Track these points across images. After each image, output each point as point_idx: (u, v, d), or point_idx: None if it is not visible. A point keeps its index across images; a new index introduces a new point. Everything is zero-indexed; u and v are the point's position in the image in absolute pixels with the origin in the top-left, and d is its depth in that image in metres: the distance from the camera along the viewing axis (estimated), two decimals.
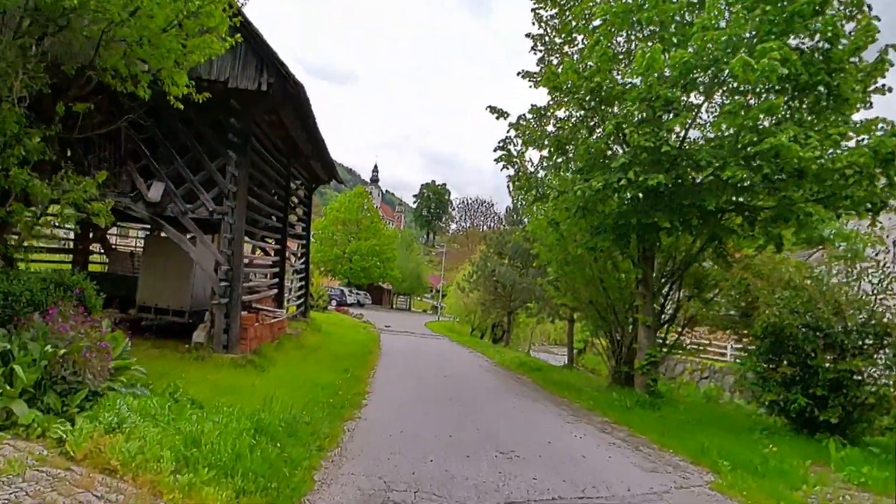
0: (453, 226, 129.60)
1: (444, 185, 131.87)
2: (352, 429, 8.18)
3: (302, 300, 24.49)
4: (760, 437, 9.46)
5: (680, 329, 15.31)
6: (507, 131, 14.45)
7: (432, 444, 7.79)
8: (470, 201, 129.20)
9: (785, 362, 9.73)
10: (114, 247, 21.03)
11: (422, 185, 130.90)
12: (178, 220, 13.90)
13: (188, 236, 14.17)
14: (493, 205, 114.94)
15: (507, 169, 15.18)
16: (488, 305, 36.56)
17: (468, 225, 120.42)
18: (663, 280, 14.87)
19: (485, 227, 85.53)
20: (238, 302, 13.96)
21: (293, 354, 16.19)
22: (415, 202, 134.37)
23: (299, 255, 24.24)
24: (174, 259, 15.07)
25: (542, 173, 14.90)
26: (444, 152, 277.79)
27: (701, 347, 16.49)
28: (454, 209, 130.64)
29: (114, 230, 23.16)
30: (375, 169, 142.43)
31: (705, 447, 8.48)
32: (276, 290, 19.86)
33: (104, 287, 17.28)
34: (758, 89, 10.53)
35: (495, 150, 15.20)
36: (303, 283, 24.52)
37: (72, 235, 18.73)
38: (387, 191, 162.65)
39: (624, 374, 14.84)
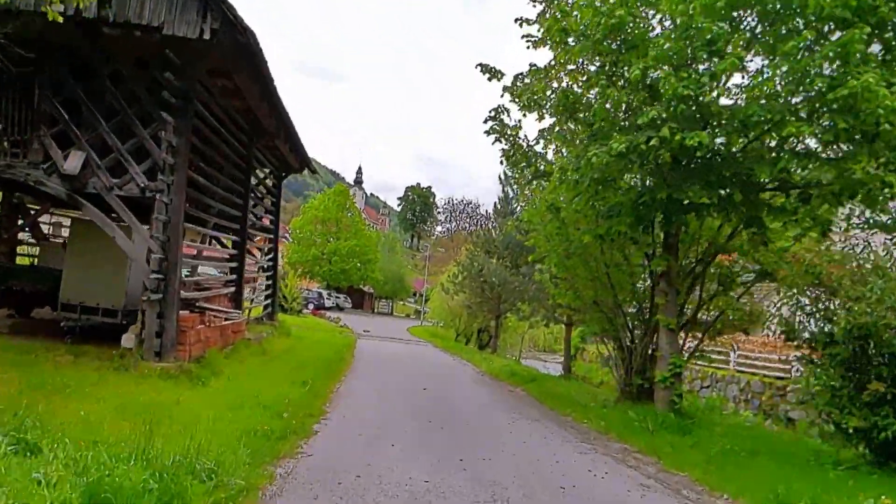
0: (438, 228, 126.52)
1: (430, 187, 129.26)
2: (285, 474, 5.61)
3: (269, 301, 21.97)
4: (839, 475, 7.14)
5: (702, 334, 13.02)
6: (501, 96, 12.10)
7: (398, 500, 5.32)
8: (455, 202, 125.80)
9: (873, 376, 7.39)
10: (48, 236, 18.37)
11: (406, 187, 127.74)
12: (103, 197, 11.55)
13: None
14: (478, 206, 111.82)
15: (500, 143, 12.82)
16: (474, 308, 34.18)
17: (454, 227, 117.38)
18: (680, 275, 12.53)
19: (470, 228, 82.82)
20: (175, 299, 11.66)
21: (249, 363, 14.00)
22: (399, 205, 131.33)
23: (266, 250, 21.74)
24: (106, 247, 12.60)
25: (540, 146, 12.52)
26: (441, 154, 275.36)
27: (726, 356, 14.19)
28: (439, 211, 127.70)
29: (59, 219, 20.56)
30: (359, 170, 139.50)
31: (780, 495, 6.10)
32: (233, 289, 17.42)
33: (32, 281, 14.93)
34: (824, 28, 8.25)
35: (486, 122, 12.87)
36: (271, 281, 21.99)
37: None
38: (371, 193, 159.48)
39: (638, 386, 12.45)
